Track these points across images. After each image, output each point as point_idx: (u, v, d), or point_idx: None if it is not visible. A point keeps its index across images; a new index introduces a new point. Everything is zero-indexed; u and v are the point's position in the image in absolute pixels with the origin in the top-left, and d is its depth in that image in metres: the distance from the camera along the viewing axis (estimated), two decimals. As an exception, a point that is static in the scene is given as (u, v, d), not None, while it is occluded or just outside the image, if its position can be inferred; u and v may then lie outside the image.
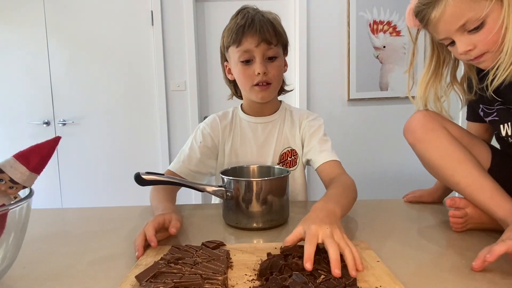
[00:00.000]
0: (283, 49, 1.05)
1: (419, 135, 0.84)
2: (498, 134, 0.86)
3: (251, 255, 0.65)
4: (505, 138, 0.84)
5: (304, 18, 2.67)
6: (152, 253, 0.67)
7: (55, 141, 0.59)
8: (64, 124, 2.77)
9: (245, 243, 0.75)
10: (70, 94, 2.75)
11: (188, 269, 0.56)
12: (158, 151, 2.78)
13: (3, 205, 0.56)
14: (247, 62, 0.99)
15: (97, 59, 2.72)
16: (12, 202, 0.56)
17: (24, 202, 0.55)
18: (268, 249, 0.66)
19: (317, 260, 0.56)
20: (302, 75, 2.71)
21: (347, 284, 0.51)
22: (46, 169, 0.59)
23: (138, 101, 2.76)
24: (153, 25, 2.68)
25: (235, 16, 1.02)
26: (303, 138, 1.09)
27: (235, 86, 1.11)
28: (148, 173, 0.80)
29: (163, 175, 0.84)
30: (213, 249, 0.65)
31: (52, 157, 0.60)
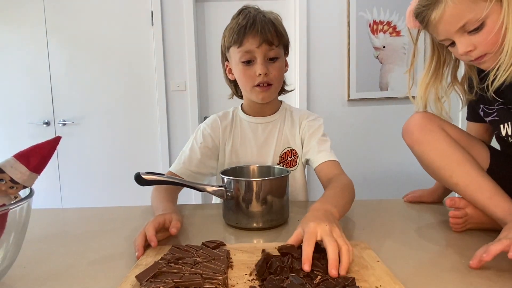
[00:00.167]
0: (284, 49, 1.04)
1: (417, 136, 0.84)
2: (498, 134, 0.86)
3: (251, 255, 0.65)
4: (505, 138, 0.84)
5: (304, 18, 2.67)
6: (152, 253, 0.67)
7: (55, 141, 0.59)
8: (64, 124, 2.77)
9: (245, 243, 0.75)
10: (70, 94, 2.75)
11: (188, 269, 0.56)
12: (158, 151, 2.78)
13: (3, 205, 0.56)
14: (248, 62, 0.99)
15: (97, 59, 2.72)
16: (13, 202, 0.57)
17: (24, 202, 0.55)
18: (268, 249, 0.65)
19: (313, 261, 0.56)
20: (302, 75, 2.71)
21: (347, 284, 0.51)
22: (46, 169, 0.59)
23: (138, 101, 2.76)
24: (153, 25, 2.68)
25: (236, 16, 1.01)
26: (302, 138, 1.09)
27: (236, 85, 1.11)
28: (148, 173, 0.80)
29: (163, 175, 0.84)
30: (213, 249, 0.65)
31: (52, 157, 0.60)
